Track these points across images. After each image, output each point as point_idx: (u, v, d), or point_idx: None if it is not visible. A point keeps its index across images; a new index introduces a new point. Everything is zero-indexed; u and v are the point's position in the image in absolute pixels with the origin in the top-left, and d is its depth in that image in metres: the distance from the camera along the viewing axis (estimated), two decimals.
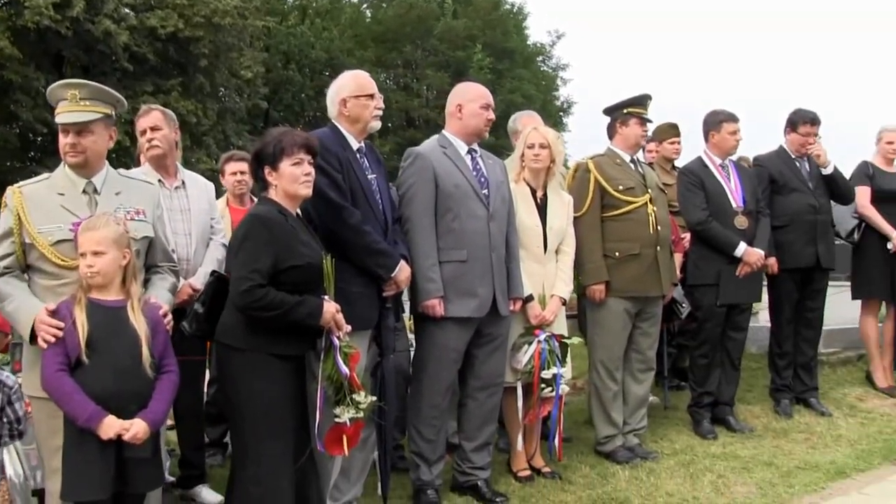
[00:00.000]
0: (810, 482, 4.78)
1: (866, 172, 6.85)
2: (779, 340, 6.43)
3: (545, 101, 28.11)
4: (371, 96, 4.10)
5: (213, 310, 3.48)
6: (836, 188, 6.41)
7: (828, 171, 6.33)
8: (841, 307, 8.33)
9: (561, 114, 29.94)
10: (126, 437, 2.98)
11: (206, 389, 4.93)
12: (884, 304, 7.03)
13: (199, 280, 4.30)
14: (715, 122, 5.92)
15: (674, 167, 7.02)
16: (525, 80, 26.70)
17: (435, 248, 4.35)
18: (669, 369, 6.71)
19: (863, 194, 6.78)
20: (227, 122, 20.91)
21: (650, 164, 6.77)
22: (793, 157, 6.37)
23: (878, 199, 6.75)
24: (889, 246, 6.65)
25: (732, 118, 5.91)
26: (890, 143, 6.90)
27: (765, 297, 6.41)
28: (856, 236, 6.80)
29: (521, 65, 27.93)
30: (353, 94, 4.07)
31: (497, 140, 23.98)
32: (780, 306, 6.38)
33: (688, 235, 6.13)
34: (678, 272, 6.00)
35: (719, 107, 6.03)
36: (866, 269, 6.86)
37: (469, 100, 4.59)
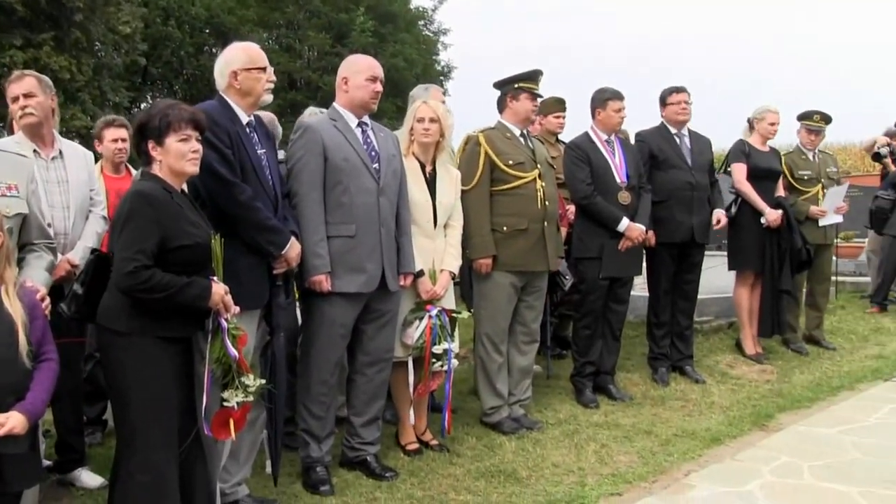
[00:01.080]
0: (688, 450, 4.93)
1: (743, 150, 7.09)
2: (656, 311, 6.61)
3: (426, 64, 27.92)
4: (263, 69, 3.95)
5: (93, 291, 3.29)
6: None
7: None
8: (715, 277, 8.65)
9: (442, 78, 29.81)
10: (1, 432, 2.79)
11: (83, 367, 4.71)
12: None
13: (77, 255, 4.08)
14: (601, 99, 5.99)
15: (558, 140, 7.09)
16: (407, 44, 26.39)
17: (323, 223, 4.25)
18: (552, 338, 6.80)
19: (739, 171, 7.03)
20: (103, 79, 20.00)
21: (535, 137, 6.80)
22: (672, 132, 6.50)
23: (753, 177, 7.01)
24: (762, 221, 6.90)
25: (618, 96, 5.99)
26: (773, 124, 7.17)
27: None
28: (733, 211, 7.01)
29: (403, 29, 27.59)
30: (244, 67, 3.90)
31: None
32: (657, 278, 6.56)
33: (572, 208, 6.21)
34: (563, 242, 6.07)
35: (607, 84, 6.10)
36: (741, 243, 7.11)
37: (355, 72, 4.47)
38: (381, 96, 4.58)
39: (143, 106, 27.22)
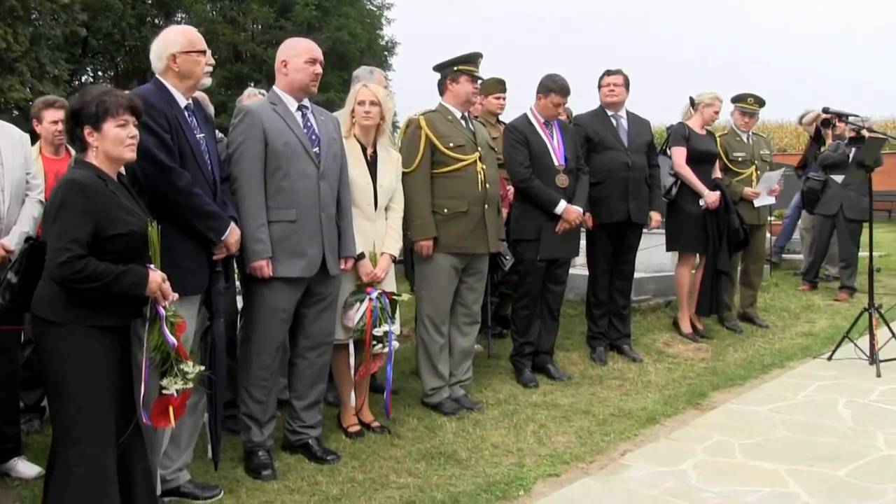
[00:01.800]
0: (624, 429, 5.03)
1: (683, 134, 7.22)
2: (594, 290, 6.72)
3: (370, 39, 27.83)
4: (202, 52, 3.90)
5: (27, 280, 3.25)
6: None
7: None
8: (653, 256, 8.81)
9: (386, 53, 29.71)
10: None
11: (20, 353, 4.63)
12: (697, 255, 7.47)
13: (13, 240, 4.03)
14: (546, 88, 6.03)
15: (499, 121, 7.13)
16: (351, 18, 26.27)
17: (263, 207, 4.24)
18: (493, 317, 6.86)
19: (679, 154, 7.17)
20: (41, 49, 19.56)
21: (475, 118, 6.83)
22: (609, 114, 6.59)
23: (692, 160, 7.16)
24: (701, 203, 7.04)
25: (562, 92, 6.02)
26: (717, 112, 7.39)
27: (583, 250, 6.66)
28: (673, 193, 7.14)
29: (347, 2, 27.42)
30: (183, 50, 3.85)
31: (323, 77, 23.70)
32: (595, 258, 6.66)
33: (513, 189, 6.26)
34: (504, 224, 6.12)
35: (557, 73, 6.12)
36: (681, 225, 7.27)
37: (293, 55, 4.45)
38: (327, 69, 4.56)
39: (84, 79, 26.69)
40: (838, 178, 8.93)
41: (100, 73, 27.77)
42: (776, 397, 5.76)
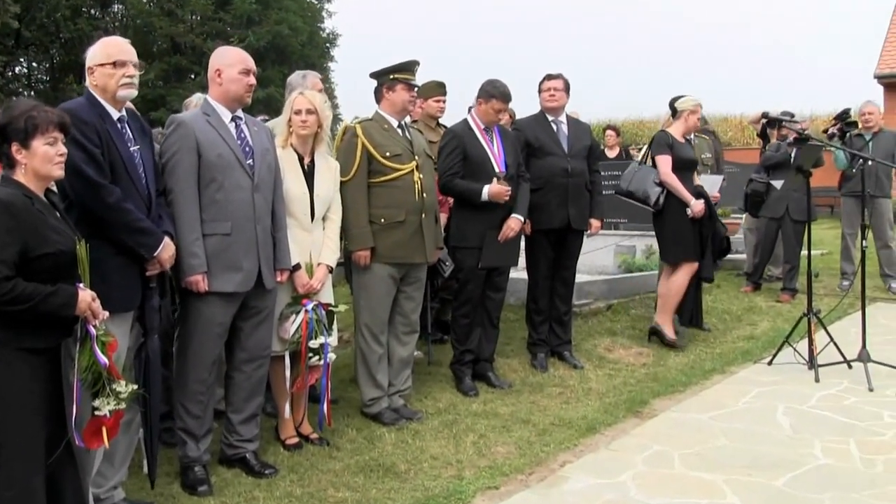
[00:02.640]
0: (564, 439, 5.19)
1: (667, 142, 7.39)
2: (535, 296, 6.89)
3: (312, 32, 27.76)
4: (115, 64, 3.91)
5: None
6: None
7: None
8: (595, 258, 9.02)
9: (328, 45, 29.67)
10: None
11: None
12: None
13: None
14: (487, 94, 6.14)
15: (438, 125, 7.25)
16: (291, 12, 26.18)
17: (198, 220, 4.32)
18: (433, 323, 7.00)
19: (665, 163, 7.32)
20: None
21: (414, 122, 6.95)
22: (549, 119, 6.75)
23: (676, 168, 7.34)
24: (687, 212, 7.24)
25: (504, 98, 6.13)
26: (699, 119, 7.57)
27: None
28: (661, 203, 7.32)
29: None
30: (98, 63, 3.91)
31: (263, 72, 23.45)
32: (535, 264, 6.82)
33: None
34: (442, 231, 6.25)
35: (499, 78, 6.23)
36: (676, 234, 7.40)
37: (228, 65, 4.53)
38: (267, 64, 4.66)
39: (17, 70, 26.19)
40: (777, 183, 9.17)
41: (34, 64, 27.30)
42: (716, 404, 5.95)
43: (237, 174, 4.42)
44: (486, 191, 5.98)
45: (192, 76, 25.15)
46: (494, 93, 6.12)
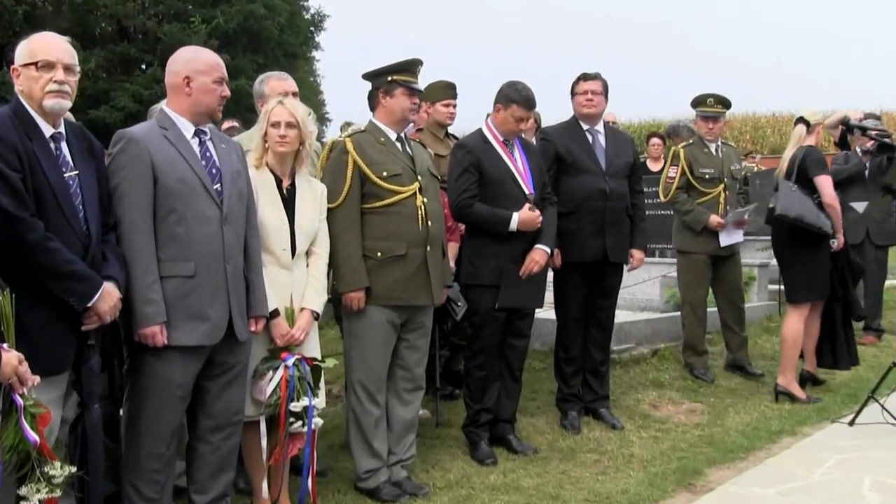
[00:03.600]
0: None
1: (822, 160, 7.43)
2: (565, 343, 6.83)
3: (293, 12, 27.70)
4: (38, 66, 3.83)
5: None
6: None
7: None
8: (638, 292, 8.93)
9: (312, 29, 29.74)
10: None
11: None
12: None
13: None
14: (506, 99, 6.06)
15: (448, 135, 7.20)
16: None
17: (154, 260, 4.26)
18: (442, 375, 6.93)
19: (828, 184, 7.34)
20: None
21: (419, 130, 6.91)
22: (584, 128, 6.69)
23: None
24: (832, 243, 7.27)
25: (527, 104, 6.05)
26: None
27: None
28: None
29: None
30: (22, 63, 3.86)
31: (233, 60, 23.27)
32: (565, 304, 6.78)
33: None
34: (452, 264, 6.18)
35: (521, 80, 6.16)
36: (812, 270, 7.39)
37: (200, 71, 4.48)
38: (238, 51, 4.62)
39: None
40: (859, 206, 9.05)
41: None
42: (786, 476, 5.85)
43: (202, 203, 4.36)
44: (516, 219, 5.93)
45: (143, 67, 24.86)
46: (515, 97, 6.06)
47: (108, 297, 3.91)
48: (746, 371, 8.22)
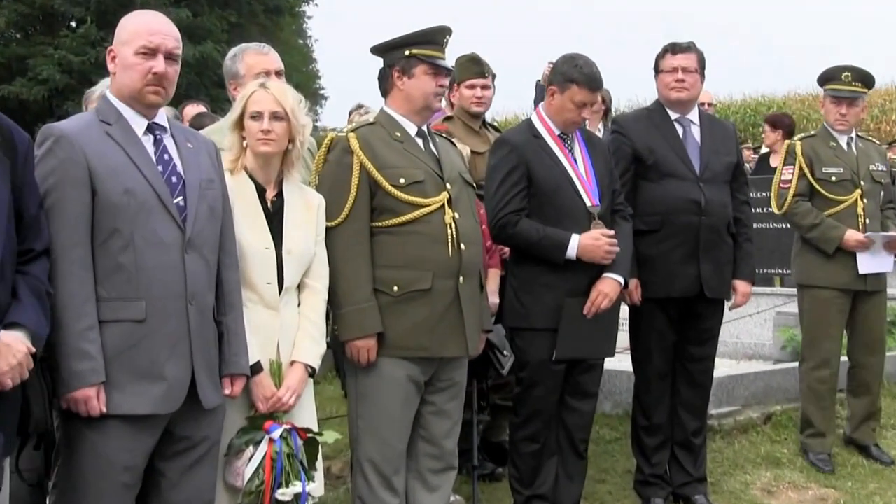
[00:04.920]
0: None
1: None
2: (646, 407, 6.76)
3: None
4: None
5: None
6: None
7: None
8: (741, 333, 8.83)
9: None
10: None
11: None
12: None
13: None
14: (563, 78, 6.00)
15: (485, 125, 7.16)
16: None
17: (91, 299, 4.20)
18: (480, 448, 6.85)
19: None
20: None
21: (448, 119, 6.89)
22: (672, 118, 6.64)
23: None
24: None
25: (590, 85, 5.99)
26: None
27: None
28: None
29: None
30: None
31: (195, 18, 23.18)
32: (647, 353, 6.71)
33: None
34: (494, 299, 6.12)
35: (581, 54, 6.10)
36: None
37: (122, 42, 4.40)
38: (204, 7, 4.55)
39: None
40: None
41: None
42: None
43: (156, 222, 4.31)
44: (576, 244, 5.86)
45: (73, 25, 24.90)
46: (575, 76, 5.99)
47: (9, 351, 3.81)
48: (870, 454, 7.92)
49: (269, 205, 4.97)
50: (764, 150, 13.06)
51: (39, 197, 4.15)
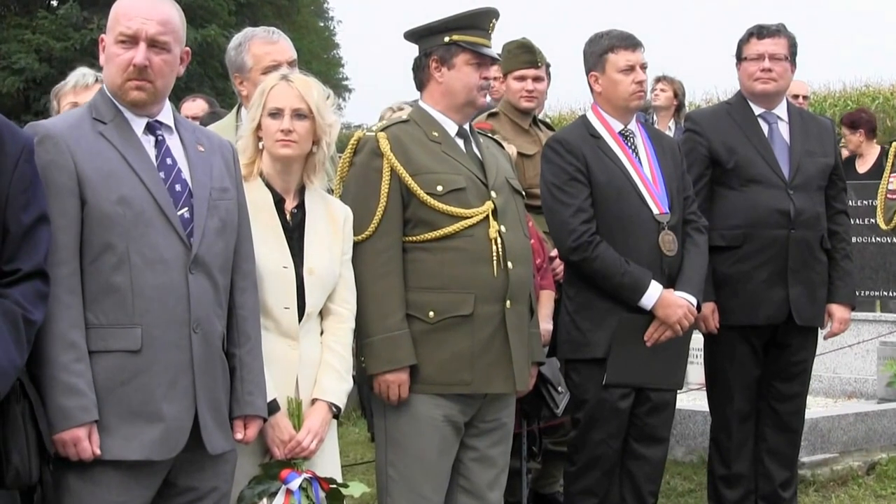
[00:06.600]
0: None
1: None
2: (725, 454, 6.75)
3: None
4: None
5: None
6: None
7: None
8: (839, 366, 8.81)
9: None
10: None
11: None
12: None
13: None
14: (595, 57, 6.09)
15: (536, 122, 7.18)
16: None
17: (80, 325, 4.23)
18: (529, 499, 6.90)
19: None
20: None
21: (493, 115, 6.91)
22: (756, 113, 6.63)
23: None
24: None
25: (627, 40, 6.06)
26: None
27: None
28: None
29: None
30: None
31: None
32: (725, 391, 6.70)
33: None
34: (547, 325, 6.15)
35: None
36: None
37: (108, 28, 4.42)
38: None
39: None
40: None
41: None
42: None
43: (155, 236, 4.33)
44: (656, 294, 5.91)
45: (53, 4, 25.08)
46: (606, 43, 6.09)
47: None
48: None
49: (287, 217, 5.00)
50: (845, 153, 12.99)
51: (39, 209, 4.10)
